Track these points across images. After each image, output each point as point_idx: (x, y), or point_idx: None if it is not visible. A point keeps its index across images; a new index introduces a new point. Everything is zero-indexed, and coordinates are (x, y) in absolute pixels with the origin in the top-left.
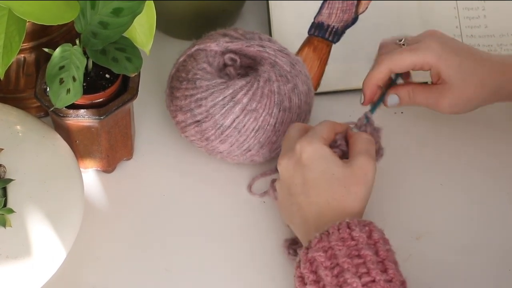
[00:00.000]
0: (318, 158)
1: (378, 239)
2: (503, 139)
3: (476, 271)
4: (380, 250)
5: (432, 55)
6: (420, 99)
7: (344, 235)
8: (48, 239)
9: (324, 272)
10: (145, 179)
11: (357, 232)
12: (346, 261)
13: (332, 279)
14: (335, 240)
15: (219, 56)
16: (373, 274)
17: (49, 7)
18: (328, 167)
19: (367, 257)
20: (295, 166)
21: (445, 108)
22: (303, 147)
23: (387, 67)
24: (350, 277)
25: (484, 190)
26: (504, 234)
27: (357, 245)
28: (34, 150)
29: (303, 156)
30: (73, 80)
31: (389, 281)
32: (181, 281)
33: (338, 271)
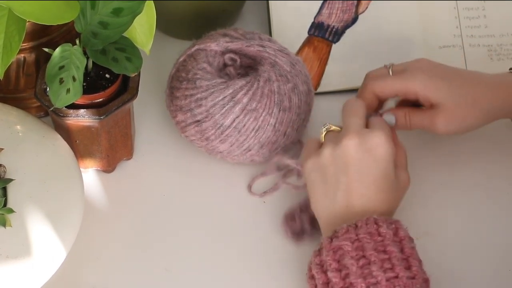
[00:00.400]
0: (389, 160)
1: (404, 237)
2: (503, 139)
3: (476, 271)
4: (405, 248)
5: (417, 83)
6: (417, 122)
7: (371, 230)
8: (48, 239)
9: (350, 261)
10: (145, 179)
11: (384, 229)
12: (373, 254)
13: (358, 269)
14: (363, 233)
15: (219, 56)
16: (397, 270)
17: (49, 7)
18: (391, 173)
19: (392, 253)
20: (365, 153)
21: (442, 128)
22: (382, 143)
23: (372, 91)
24: (376, 270)
25: (484, 190)
26: (504, 234)
27: (384, 241)
28: (34, 150)
29: (378, 151)
30: (73, 80)
31: (412, 278)
32: (181, 281)
33: (364, 263)
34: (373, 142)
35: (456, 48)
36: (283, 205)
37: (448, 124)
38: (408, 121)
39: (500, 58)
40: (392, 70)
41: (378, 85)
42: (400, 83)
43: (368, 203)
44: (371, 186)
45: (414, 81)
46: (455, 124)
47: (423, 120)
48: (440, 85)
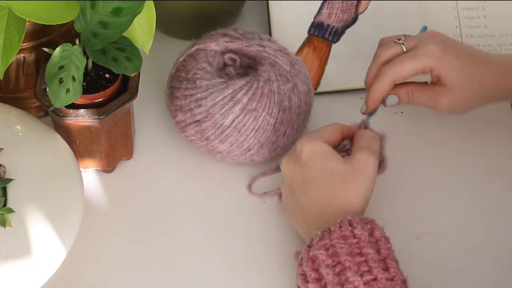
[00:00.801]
0: (317, 155)
1: (379, 237)
2: (503, 138)
3: (476, 271)
4: (382, 249)
5: (432, 59)
6: (419, 99)
7: (345, 233)
8: (48, 239)
9: (326, 271)
10: (145, 179)
11: (359, 230)
12: (347, 259)
13: (334, 277)
14: (337, 238)
15: (219, 56)
16: (375, 273)
17: (49, 7)
18: (326, 164)
19: (368, 255)
20: (295, 165)
21: (444, 109)
22: (303, 145)
23: (391, 78)
24: (352, 275)
25: (484, 189)
26: (504, 234)
27: (359, 243)
28: (34, 150)
29: (303, 154)
30: (73, 79)
31: (390, 280)
32: (181, 281)
33: (340, 269)
34: (297, 150)
35: None
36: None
37: (452, 105)
38: (411, 98)
39: None
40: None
41: (397, 71)
42: (417, 64)
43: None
44: (313, 189)
45: (430, 58)
46: (459, 106)
47: (427, 98)
48: (452, 65)
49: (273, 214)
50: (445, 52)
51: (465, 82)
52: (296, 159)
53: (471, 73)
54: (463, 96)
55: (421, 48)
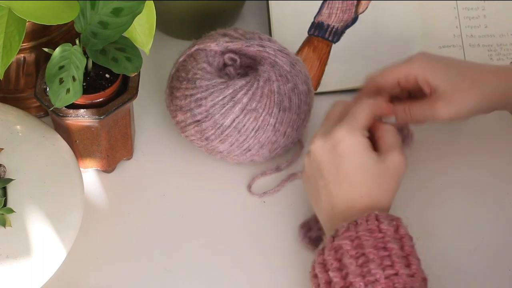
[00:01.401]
0: (356, 150)
1: (404, 234)
2: (503, 138)
3: (476, 271)
4: (406, 245)
5: (415, 66)
6: (417, 112)
7: (372, 227)
8: (48, 239)
9: (349, 261)
10: (145, 179)
11: (385, 225)
12: (372, 252)
13: (356, 268)
14: (363, 231)
15: (219, 56)
16: (397, 268)
17: (49, 7)
18: (365, 162)
19: (392, 250)
20: (330, 152)
21: (442, 115)
22: (343, 136)
23: (373, 81)
24: (375, 267)
25: (484, 190)
26: (504, 234)
27: (384, 237)
28: (34, 150)
29: (341, 146)
30: (73, 80)
31: (411, 276)
32: (181, 281)
33: (363, 261)
34: (335, 138)
35: (456, 48)
36: (283, 205)
37: (449, 109)
38: (408, 114)
39: (500, 58)
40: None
41: (380, 74)
42: (399, 68)
43: (348, 200)
44: (345, 183)
45: (412, 64)
46: (455, 108)
47: (423, 109)
48: (437, 66)
49: (273, 214)
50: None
51: (455, 82)
52: (332, 147)
53: (459, 74)
54: (457, 97)
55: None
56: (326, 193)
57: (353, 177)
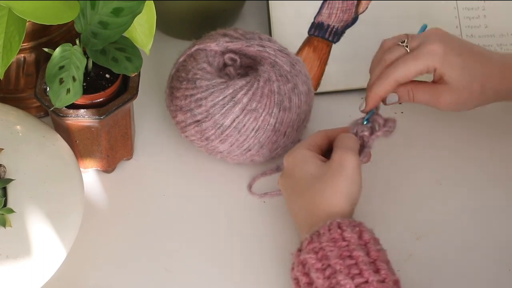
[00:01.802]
0: (297, 163)
1: (369, 239)
2: (503, 138)
3: (476, 271)
4: (372, 251)
5: (434, 59)
6: (420, 97)
7: (335, 236)
8: (48, 239)
9: (316, 274)
10: (145, 179)
11: (348, 233)
12: (338, 262)
13: (324, 281)
14: (326, 241)
15: (219, 56)
16: (366, 275)
17: (49, 7)
18: (306, 169)
19: (359, 258)
20: (285, 179)
21: (445, 106)
22: (287, 159)
23: (394, 80)
24: (343, 278)
25: (484, 189)
26: (504, 234)
27: (349, 245)
28: (34, 150)
29: (287, 167)
30: (73, 80)
31: (382, 282)
32: (181, 281)
33: (330, 273)
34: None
35: None
36: (283, 205)
37: (454, 104)
38: (411, 97)
39: None
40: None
41: (401, 72)
42: (421, 65)
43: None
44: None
45: (433, 59)
46: (460, 104)
47: (428, 96)
48: (454, 64)
49: (273, 214)
50: (448, 51)
51: (467, 82)
52: (284, 174)
53: (473, 73)
54: (464, 95)
55: (424, 48)
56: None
57: (301, 187)
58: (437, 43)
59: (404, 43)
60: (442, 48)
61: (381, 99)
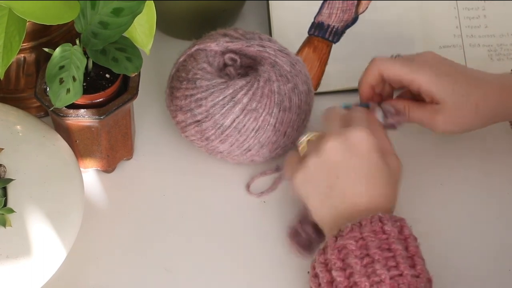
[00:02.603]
0: (373, 152)
1: (408, 235)
2: (503, 138)
3: (476, 271)
4: (410, 246)
5: (422, 77)
6: (415, 116)
7: (376, 228)
8: (48, 239)
9: (354, 260)
10: (145, 179)
11: (389, 226)
12: (377, 253)
13: (361, 268)
14: (367, 232)
15: (219, 56)
16: (402, 268)
17: (49, 7)
18: (380, 164)
19: (397, 251)
20: (347, 152)
21: (439, 128)
22: (361, 137)
23: (377, 68)
24: (380, 268)
25: (485, 190)
26: (505, 234)
27: (388, 239)
28: (34, 150)
29: (359, 146)
30: (73, 80)
31: (416, 277)
32: (181, 281)
33: (368, 261)
34: (354, 138)
35: (456, 48)
36: (283, 205)
37: (447, 125)
38: (407, 113)
39: (500, 58)
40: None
41: (385, 65)
42: (406, 72)
43: (365, 200)
44: (364, 183)
45: (419, 74)
46: (454, 125)
47: (422, 116)
48: (445, 84)
49: (273, 214)
50: (437, 73)
51: (460, 102)
52: (350, 147)
53: (465, 94)
54: (458, 116)
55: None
56: (340, 193)
57: (371, 177)
58: (426, 65)
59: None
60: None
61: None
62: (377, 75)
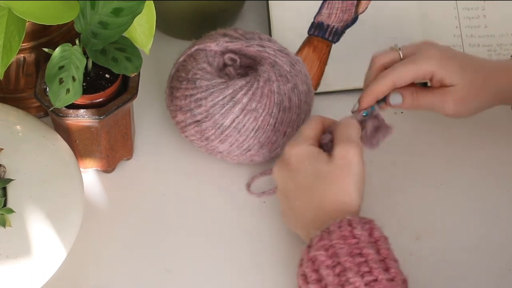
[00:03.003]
0: (304, 159)
1: (379, 237)
2: (503, 138)
3: (476, 271)
4: (381, 249)
5: (433, 63)
6: (424, 101)
7: (345, 233)
8: (48, 239)
9: (326, 271)
10: (145, 179)
11: (358, 230)
12: (348, 260)
13: (334, 278)
14: (336, 238)
15: (219, 56)
16: (376, 273)
17: (49, 7)
18: (314, 167)
19: (369, 255)
20: (286, 172)
21: (450, 110)
22: (289, 151)
23: (391, 80)
24: (353, 276)
25: (485, 189)
26: (505, 234)
27: (359, 243)
28: (34, 150)
29: (291, 161)
30: (73, 80)
31: (391, 280)
32: (181, 281)
33: (340, 270)
34: (285, 157)
35: (456, 48)
36: None
37: (458, 106)
38: (416, 99)
39: (500, 58)
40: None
41: (399, 73)
42: (418, 68)
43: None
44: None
45: (431, 62)
46: (464, 106)
47: (431, 100)
48: (453, 66)
49: (273, 214)
50: (444, 56)
51: (469, 78)
52: (285, 166)
53: (473, 73)
54: (468, 95)
55: (421, 53)
56: (295, 213)
57: (309, 185)
58: (433, 49)
59: (397, 46)
60: (438, 54)
61: (376, 98)
62: (390, 87)
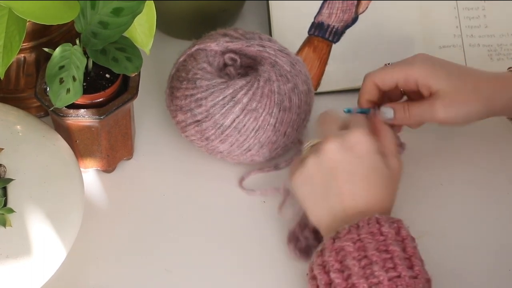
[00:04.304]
0: (372, 154)
1: (406, 236)
2: (503, 137)
3: (476, 271)
4: (408, 247)
5: (417, 69)
6: (416, 111)
7: (373, 230)
8: (48, 239)
9: (352, 262)
10: (145, 179)
11: (386, 228)
12: (374, 254)
13: (359, 270)
14: (365, 233)
15: (219, 56)
16: (399, 270)
17: (49, 7)
18: (378, 165)
19: (394, 252)
20: (346, 153)
21: (440, 115)
22: (361, 138)
23: (371, 80)
24: (378, 269)
25: (485, 189)
26: (505, 234)
27: (386, 240)
28: (34, 150)
29: (359, 147)
30: (73, 79)
31: (414, 278)
32: (181, 282)
33: (366, 263)
34: (352, 140)
35: (456, 48)
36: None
37: (448, 110)
38: (407, 113)
39: (500, 58)
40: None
41: (378, 75)
42: (400, 70)
43: (363, 201)
44: (362, 184)
45: (413, 67)
46: (454, 110)
47: (422, 109)
48: (439, 72)
49: (273, 214)
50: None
51: (457, 86)
52: (349, 148)
53: (461, 79)
54: (457, 99)
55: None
56: (337, 194)
57: (369, 178)
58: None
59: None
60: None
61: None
62: (374, 88)
